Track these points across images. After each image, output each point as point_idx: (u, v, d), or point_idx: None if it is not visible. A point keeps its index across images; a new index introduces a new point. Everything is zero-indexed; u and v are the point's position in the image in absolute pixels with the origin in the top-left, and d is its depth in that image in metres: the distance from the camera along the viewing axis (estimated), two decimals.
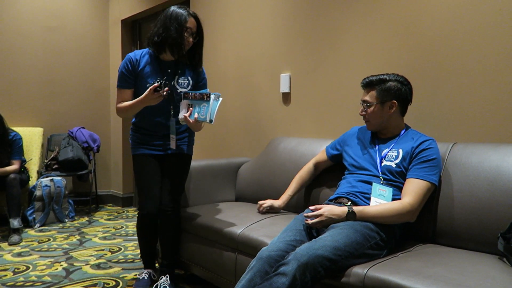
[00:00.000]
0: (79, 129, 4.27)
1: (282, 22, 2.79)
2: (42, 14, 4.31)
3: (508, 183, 1.54)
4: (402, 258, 1.50)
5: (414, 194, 1.62)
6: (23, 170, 3.54)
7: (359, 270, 1.40)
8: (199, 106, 1.99)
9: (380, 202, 1.67)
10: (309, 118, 2.64)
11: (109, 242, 3.19)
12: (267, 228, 1.91)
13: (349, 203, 1.72)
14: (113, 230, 3.53)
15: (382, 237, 1.56)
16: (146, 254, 2.31)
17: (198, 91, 2.02)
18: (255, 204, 2.48)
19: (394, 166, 1.73)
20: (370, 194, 1.71)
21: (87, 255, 2.85)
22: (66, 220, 3.81)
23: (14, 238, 3.15)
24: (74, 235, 3.37)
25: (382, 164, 1.76)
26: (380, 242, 1.55)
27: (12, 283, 2.35)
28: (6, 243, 3.13)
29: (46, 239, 3.25)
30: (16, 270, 2.57)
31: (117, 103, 2.16)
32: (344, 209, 1.61)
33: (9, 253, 2.91)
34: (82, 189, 4.52)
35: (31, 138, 4.00)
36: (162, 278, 2.18)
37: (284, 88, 2.77)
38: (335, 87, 2.48)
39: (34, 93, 4.30)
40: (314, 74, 2.60)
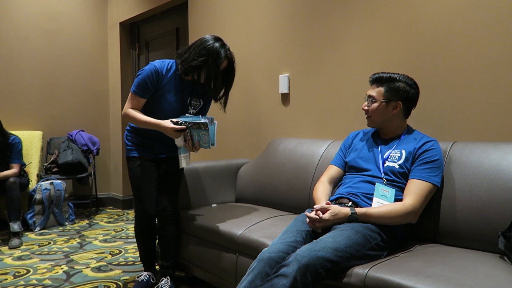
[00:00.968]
0: (79, 132, 4.26)
1: (280, 22, 2.79)
2: (40, 17, 4.31)
3: (508, 182, 1.54)
4: (403, 258, 1.49)
5: (416, 195, 1.62)
6: (23, 174, 3.54)
7: (360, 270, 1.40)
8: (198, 135, 2.03)
9: (382, 202, 1.67)
10: (308, 119, 2.64)
11: (109, 244, 3.19)
12: (268, 229, 1.91)
13: (349, 204, 1.72)
14: (113, 233, 3.53)
15: (383, 238, 1.56)
16: (145, 256, 2.31)
17: (194, 120, 2.01)
18: (256, 205, 2.48)
19: (397, 167, 1.72)
20: (372, 194, 1.71)
21: (88, 258, 2.85)
22: (66, 223, 3.80)
23: (14, 241, 3.14)
24: (74, 238, 3.36)
25: (385, 165, 1.76)
26: (381, 243, 1.55)
27: (12, 287, 2.34)
28: (7, 247, 3.13)
29: (47, 243, 3.24)
30: (16, 273, 2.56)
31: (128, 107, 2.09)
32: (346, 211, 1.60)
33: (9, 256, 2.91)
34: (82, 192, 4.51)
35: (31, 141, 4.00)
36: (163, 280, 2.18)
37: (283, 89, 2.77)
38: (334, 88, 2.48)
39: (33, 96, 4.30)
40: (313, 74, 2.60)
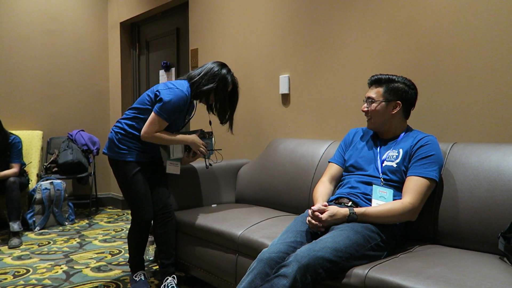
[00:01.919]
0: (79, 132, 4.26)
1: (280, 23, 2.79)
2: (41, 17, 4.31)
3: (508, 183, 1.54)
4: (403, 258, 1.49)
5: (414, 192, 1.62)
6: (23, 173, 3.54)
7: (360, 271, 1.40)
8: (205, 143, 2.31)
9: (380, 204, 1.67)
10: (308, 119, 2.64)
11: (109, 244, 3.19)
12: (268, 229, 1.91)
13: (349, 204, 1.72)
14: (113, 233, 3.53)
15: (383, 238, 1.56)
16: (137, 259, 2.32)
17: (194, 130, 2.32)
18: (256, 205, 2.48)
19: (395, 166, 1.72)
20: (371, 195, 1.71)
21: (87, 258, 2.85)
22: (66, 223, 3.80)
23: (14, 241, 3.14)
24: (74, 238, 3.36)
25: (383, 164, 1.76)
26: (380, 243, 1.55)
27: (12, 287, 2.34)
28: (6, 247, 3.13)
29: (46, 242, 3.24)
30: (16, 273, 2.56)
31: (153, 131, 2.12)
32: (345, 211, 1.61)
33: (9, 256, 2.90)
34: (82, 192, 4.52)
35: (31, 141, 4.00)
36: (167, 279, 2.18)
37: (283, 89, 2.77)
38: (334, 88, 2.48)
39: (34, 96, 4.30)
40: (313, 75, 2.60)
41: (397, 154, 1.75)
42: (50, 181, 3.75)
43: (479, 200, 1.59)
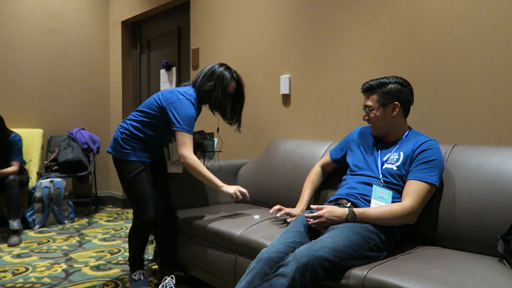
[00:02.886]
0: (79, 130, 4.27)
1: (281, 23, 2.80)
2: (42, 16, 4.32)
3: (508, 185, 1.54)
4: (402, 260, 1.49)
5: (414, 196, 1.62)
6: (23, 171, 3.54)
7: (359, 272, 1.40)
8: (203, 144, 2.38)
9: (380, 204, 1.67)
10: (309, 120, 2.64)
11: (108, 243, 3.19)
12: (267, 229, 1.91)
13: (348, 204, 1.73)
14: (112, 232, 3.53)
15: (382, 239, 1.56)
16: (139, 256, 2.32)
17: (196, 131, 2.29)
18: (255, 206, 2.48)
19: (395, 169, 1.73)
20: (370, 196, 1.71)
21: (87, 257, 2.85)
22: (66, 221, 3.80)
23: (14, 239, 3.14)
24: (73, 237, 3.36)
25: (384, 167, 1.76)
26: (379, 244, 1.55)
27: (11, 285, 2.34)
28: (6, 245, 3.13)
29: (46, 241, 3.24)
30: (15, 271, 2.56)
31: (190, 149, 2.08)
32: (344, 210, 1.61)
33: (8, 254, 2.91)
34: (82, 190, 4.52)
35: (31, 139, 4.00)
36: (166, 279, 2.18)
37: (284, 89, 2.77)
38: (335, 89, 2.48)
39: (34, 94, 4.30)
40: (314, 75, 2.60)
41: (397, 157, 1.75)
42: (50, 179, 3.75)
43: (479, 202, 1.59)
